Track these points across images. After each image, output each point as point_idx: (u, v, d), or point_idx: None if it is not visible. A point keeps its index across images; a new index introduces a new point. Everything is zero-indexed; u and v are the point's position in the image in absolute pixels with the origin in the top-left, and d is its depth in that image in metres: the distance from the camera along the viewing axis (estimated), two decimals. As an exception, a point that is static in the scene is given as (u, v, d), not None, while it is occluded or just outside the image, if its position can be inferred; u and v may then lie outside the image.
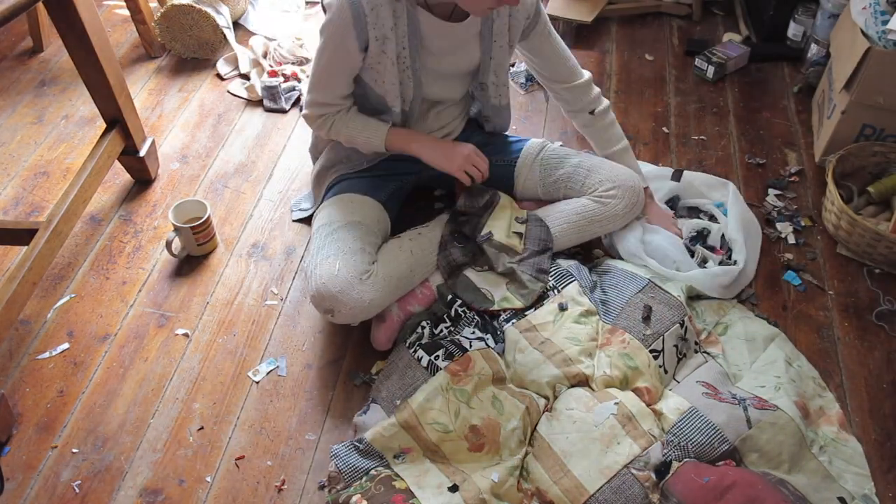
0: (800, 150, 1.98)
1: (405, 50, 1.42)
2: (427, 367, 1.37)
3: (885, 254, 1.62)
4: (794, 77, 2.22)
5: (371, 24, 1.36)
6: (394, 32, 1.38)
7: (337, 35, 1.39)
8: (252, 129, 2.07)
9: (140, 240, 1.75)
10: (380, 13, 1.35)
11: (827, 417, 1.38)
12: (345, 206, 1.53)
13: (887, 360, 1.50)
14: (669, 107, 2.13)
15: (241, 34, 2.41)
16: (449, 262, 1.50)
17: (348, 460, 1.30)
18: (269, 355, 1.52)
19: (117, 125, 1.74)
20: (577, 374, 1.36)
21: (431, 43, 1.44)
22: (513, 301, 1.48)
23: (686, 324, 1.44)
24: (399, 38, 1.40)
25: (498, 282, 1.51)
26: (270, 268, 1.69)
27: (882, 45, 1.66)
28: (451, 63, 1.50)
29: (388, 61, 1.42)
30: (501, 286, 1.50)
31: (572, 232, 1.56)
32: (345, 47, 1.40)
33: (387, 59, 1.42)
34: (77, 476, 1.33)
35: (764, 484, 1.18)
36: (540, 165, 1.63)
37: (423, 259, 1.50)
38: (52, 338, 1.54)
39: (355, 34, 1.37)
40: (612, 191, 1.56)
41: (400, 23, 1.38)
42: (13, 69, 2.28)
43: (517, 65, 2.25)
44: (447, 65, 1.50)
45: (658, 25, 2.46)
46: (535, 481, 1.25)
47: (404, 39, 1.41)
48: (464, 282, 1.50)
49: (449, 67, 1.50)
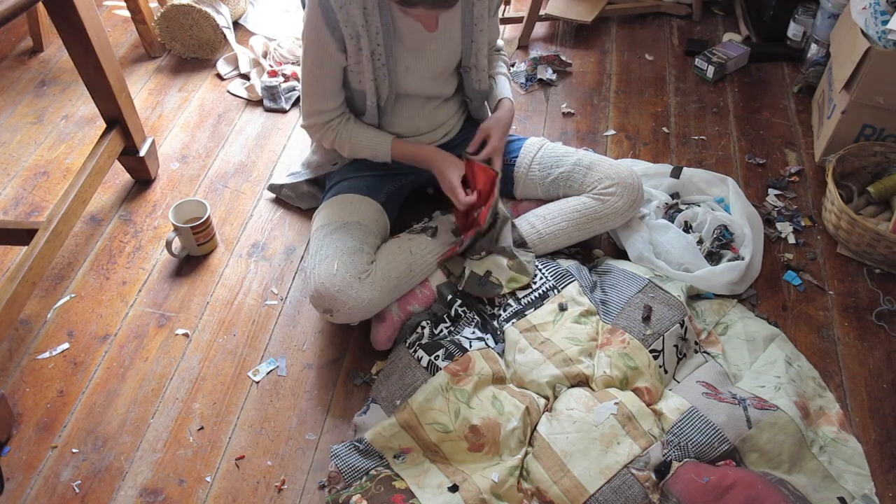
0: (800, 150, 1.98)
1: (379, 46, 1.41)
2: (427, 367, 1.37)
3: (885, 254, 1.62)
4: (794, 77, 2.22)
5: (342, 23, 1.35)
6: (365, 29, 1.37)
7: (314, 38, 1.39)
8: (252, 129, 2.07)
9: (140, 240, 1.75)
10: (349, 10, 1.34)
11: (827, 417, 1.38)
12: (344, 207, 1.53)
13: (887, 360, 1.50)
14: (669, 107, 2.13)
15: (241, 34, 2.41)
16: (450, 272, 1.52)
17: (348, 460, 1.30)
18: (269, 355, 1.52)
19: (117, 125, 1.74)
20: (577, 374, 1.36)
21: (408, 36, 1.43)
22: (519, 279, 1.50)
23: (686, 324, 1.44)
24: (372, 35, 1.39)
25: (499, 264, 1.52)
26: (270, 268, 1.69)
27: (882, 45, 1.66)
28: (433, 53, 1.48)
29: (365, 59, 1.42)
30: (504, 267, 1.51)
31: (572, 230, 1.56)
32: (325, 49, 1.40)
33: (363, 56, 1.41)
34: (77, 476, 1.33)
35: (764, 484, 1.18)
36: (539, 164, 1.63)
37: (422, 259, 1.50)
38: (52, 338, 1.55)
39: (329, 34, 1.37)
40: (612, 188, 1.56)
41: (371, 19, 1.37)
42: (13, 69, 2.28)
43: (517, 65, 2.25)
44: (429, 56, 1.48)
45: (658, 25, 2.46)
46: (535, 481, 1.25)
47: (378, 36, 1.39)
48: (472, 279, 1.50)
49: (432, 59, 1.49)
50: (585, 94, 2.18)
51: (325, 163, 1.67)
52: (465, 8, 1.46)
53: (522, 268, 1.51)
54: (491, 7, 1.50)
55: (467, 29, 1.48)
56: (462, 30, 1.48)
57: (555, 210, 1.58)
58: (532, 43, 2.39)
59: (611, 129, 2.04)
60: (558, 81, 2.23)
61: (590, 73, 2.26)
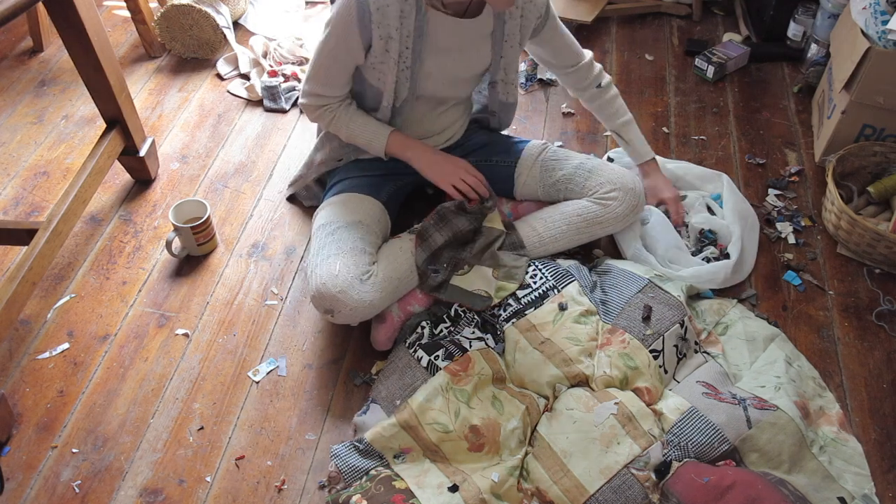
0: (800, 150, 1.98)
1: (408, 50, 1.42)
2: (427, 368, 1.37)
3: (885, 254, 1.62)
4: (794, 77, 2.22)
5: (376, 24, 1.36)
6: (398, 32, 1.38)
7: (340, 31, 1.39)
8: (252, 129, 2.07)
9: (140, 240, 1.75)
10: (386, 13, 1.35)
11: (827, 417, 1.38)
12: (345, 207, 1.53)
13: (887, 360, 1.50)
14: (669, 107, 2.13)
15: (241, 34, 2.41)
16: (431, 287, 1.49)
17: (348, 460, 1.30)
18: (269, 355, 1.52)
19: (117, 125, 1.74)
20: (577, 374, 1.36)
21: (439, 41, 1.44)
22: (507, 287, 1.48)
23: (686, 324, 1.44)
24: (403, 39, 1.40)
25: (485, 275, 1.50)
26: (270, 268, 1.69)
27: (882, 45, 1.66)
28: (459, 61, 1.49)
29: (391, 60, 1.42)
30: (490, 279, 1.50)
31: (572, 233, 1.56)
32: (347, 44, 1.40)
33: (390, 58, 1.42)
34: (77, 476, 1.33)
35: (764, 484, 1.18)
36: (541, 166, 1.63)
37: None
38: (52, 338, 1.55)
39: (359, 31, 1.37)
40: (613, 192, 1.56)
41: (406, 23, 1.38)
42: (13, 69, 2.28)
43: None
44: (454, 63, 1.49)
45: (658, 25, 2.46)
46: (535, 481, 1.25)
47: (408, 40, 1.40)
48: (453, 291, 1.49)
49: (456, 66, 1.50)
50: (585, 94, 2.18)
51: (330, 159, 1.67)
52: (498, 22, 1.46)
53: (509, 275, 1.50)
54: (525, 27, 1.49)
55: (497, 45, 1.49)
56: (492, 44, 1.49)
57: (556, 213, 1.58)
58: (532, 43, 2.40)
59: (611, 129, 2.04)
60: (558, 81, 2.22)
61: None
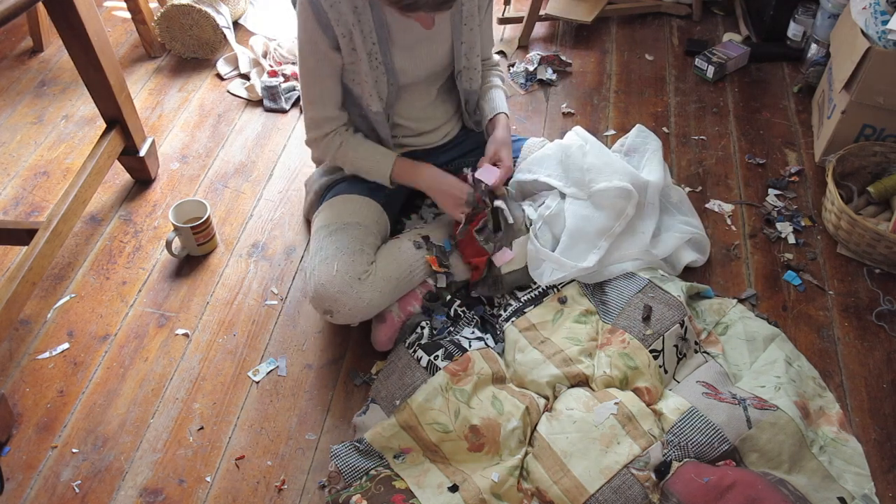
0: (800, 150, 1.98)
1: (375, 45, 1.40)
2: (426, 368, 1.37)
3: (885, 254, 1.62)
4: (794, 77, 2.22)
5: (334, 21, 1.34)
6: (358, 28, 1.37)
7: (308, 40, 1.38)
8: (252, 129, 2.07)
9: (140, 240, 1.75)
10: (339, 9, 1.33)
11: (827, 417, 1.38)
12: (344, 207, 1.53)
13: (887, 360, 1.50)
14: (669, 107, 2.13)
15: (241, 34, 2.41)
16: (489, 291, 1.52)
17: (348, 460, 1.30)
18: (269, 355, 1.52)
19: (117, 125, 1.74)
20: (577, 374, 1.36)
21: (401, 35, 1.42)
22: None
23: (686, 324, 1.44)
24: (366, 34, 1.38)
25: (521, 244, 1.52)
26: (270, 268, 1.69)
27: (882, 45, 1.66)
28: (428, 54, 1.47)
29: (360, 59, 1.40)
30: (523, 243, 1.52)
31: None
32: (319, 50, 1.39)
33: (357, 56, 1.40)
34: (77, 476, 1.33)
35: (764, 484, 1.18)
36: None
37: (422, 259, 1.50)
38: (52, 338, 1.55)
39: (322, 31, 1.36)
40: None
41: (363, 18, 1.36)
42: (13, 69, 2.28)
43: (517, 65, 2.25)
44: (423, 56, 1.46)
45: (658, 25, 2.46)
46: (535, 481, 1.25)
47: (371, 34, 1.38)
48: (507, 279, 1.50)
49: (425, 59, 1.47)
50: (585, 94, 2.18)
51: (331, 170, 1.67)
52: (455, 9, 1.45)
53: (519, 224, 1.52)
54: (481, 5, 1.48)
55: (457, 29, 1.47)
56: (452, 31, 1.47)
57: None
58: (532, 43, 2.39)
59: (611, 129, 2.04)
60: (558, 81, 2.23)
61: (590, 73, 2.26)
